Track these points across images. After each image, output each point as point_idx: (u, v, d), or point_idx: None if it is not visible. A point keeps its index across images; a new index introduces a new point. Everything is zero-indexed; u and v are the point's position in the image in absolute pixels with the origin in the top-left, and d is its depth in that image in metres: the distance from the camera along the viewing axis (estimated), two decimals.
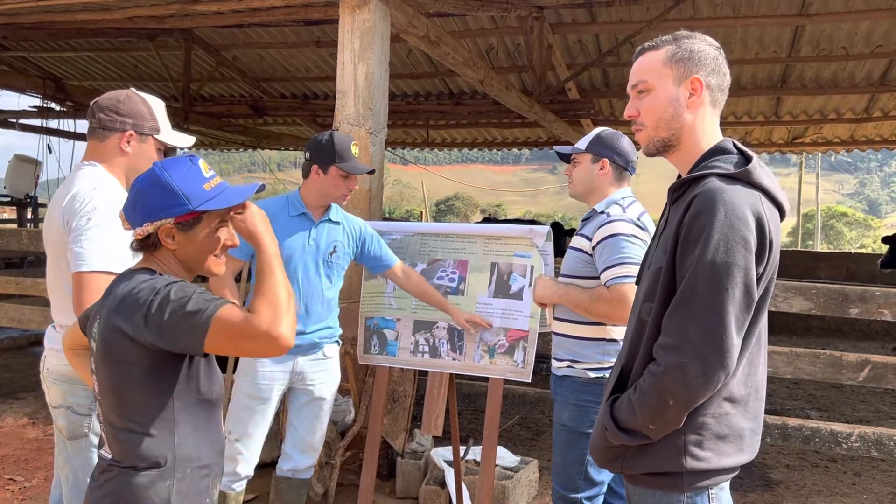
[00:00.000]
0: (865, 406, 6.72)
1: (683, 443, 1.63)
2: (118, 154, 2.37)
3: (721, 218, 1.55)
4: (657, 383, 1.59)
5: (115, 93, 2.42)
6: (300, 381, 3.08)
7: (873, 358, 3.84)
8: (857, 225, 43.81)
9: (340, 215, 3.18)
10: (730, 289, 1.54)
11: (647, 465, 1.68)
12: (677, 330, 1.58)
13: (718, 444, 1.64)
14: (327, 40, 8.49)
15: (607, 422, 1.71)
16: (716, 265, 1.54)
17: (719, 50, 1.78)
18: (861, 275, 11.43)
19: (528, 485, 4.08)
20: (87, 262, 2.14)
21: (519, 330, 3.02)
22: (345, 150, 2.98)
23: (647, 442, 1.66)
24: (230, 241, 1.78)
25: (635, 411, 1.64)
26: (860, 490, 4.49)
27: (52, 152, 11.33)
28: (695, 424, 1.63)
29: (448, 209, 54.48)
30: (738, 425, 1.66)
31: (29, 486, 4.15)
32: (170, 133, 2.47)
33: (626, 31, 7.41)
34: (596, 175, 2.76)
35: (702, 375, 1.55)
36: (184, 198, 1.66)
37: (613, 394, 1.76)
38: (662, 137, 1.76)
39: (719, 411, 1.64)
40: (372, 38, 4.17)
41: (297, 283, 2.99)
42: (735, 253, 1.54)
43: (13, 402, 5.75)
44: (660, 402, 1.59)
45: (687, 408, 1.60)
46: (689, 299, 1.57)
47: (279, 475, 3.17)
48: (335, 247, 3.10)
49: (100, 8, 5.27)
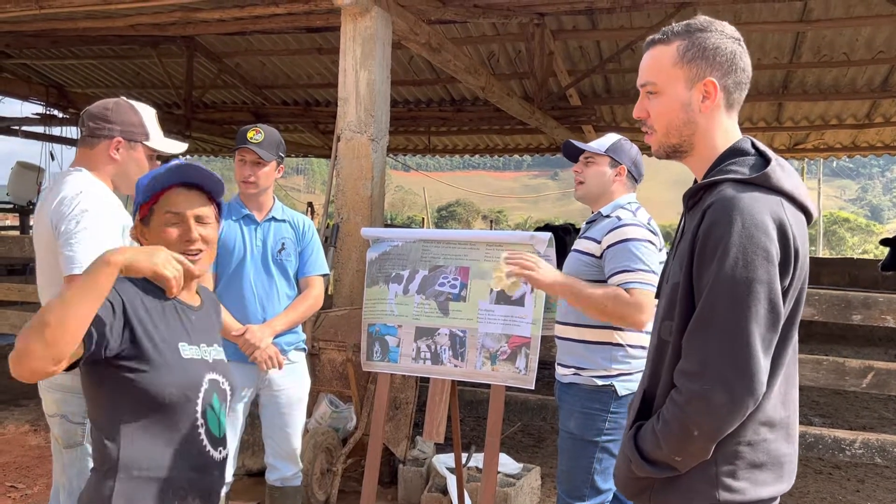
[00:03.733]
0: (869, 413, 6.70)
1: (716, 474, 1.48)
2: (107, 161, 2.39)
3: (738, 228, 1.41)
4: (680, 413, 1.46)
5: (104, 101, 2.45)
6: (267, 388, 3.06)
7: (877, 364, 3.83)
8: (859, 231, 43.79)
9: (288, 213, 3.17)
10: (752, 306, 1.40)
11: (677, 499, 1.53)
12: (697, 354, 1.44)
13: (755, 473, 1.49)
14: (329, 47, 8.52)
15: (631, 453, 1.56)
16: (735, 281, 1.40)
17: (738, 42, 1.59)
18: (863, 281, 11.40)
19: (530, 492, 4.06)
20: (78, 265, 2.14)
21: (521, 336, 3.01)
22: (242, 135, 3.02)
23: (674, 474, 1.52)
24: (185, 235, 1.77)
25: (659, 443, 1.49)
26: (864, 497, 4.47)
27: (55, 159, 11.35)
28: (728, 453, 1.48)
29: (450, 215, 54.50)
30: (777, 451, 1.51)
31: (30, 493, 4.14)
32: (160, 140, 2.48)
33: (628, 37, 7.42)
34: (611, 180, 2.77)
35: (728, 403, 1.40)
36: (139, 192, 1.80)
37: (637, 420, 1.61)
38: (673, 143, 1.62)
39: (756, 438, 1.49)
40: (373, 46, 4.18)
41: (249, 286, 2.99)
42: (756, 266, 1.40)
43: (15, 409, 5.74)
44: (684, 432, 1.45)
45: (713, 439, 1.46)
46: (708, 320, 1.43)
47: (270, 484, 3.16)
48: (283, 244, 3.08)
49: (102, 15, 5.29)
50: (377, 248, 3.25)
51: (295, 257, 3.13)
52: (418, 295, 3.18)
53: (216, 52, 9.37)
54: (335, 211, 4.34)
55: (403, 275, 3.20)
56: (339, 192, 4.29)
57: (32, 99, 10.00)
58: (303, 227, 3.17)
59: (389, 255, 3.25)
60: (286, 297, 3.10)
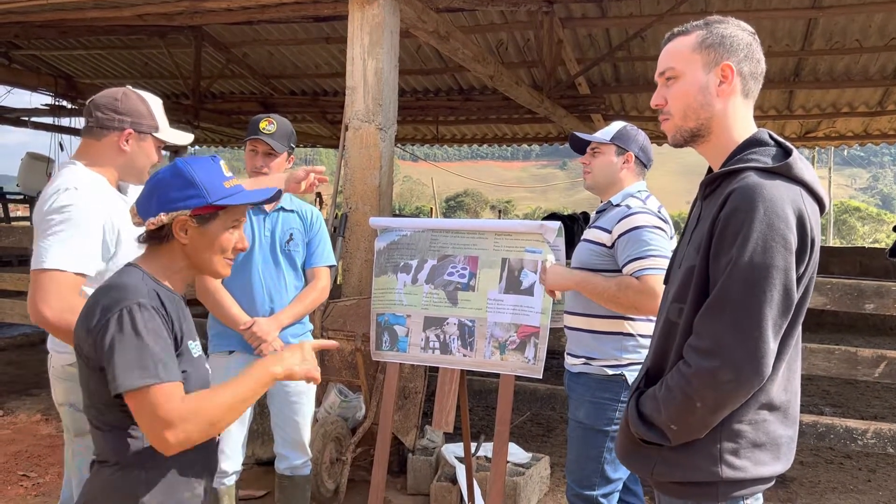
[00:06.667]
0: (880, 402, 6.67)
1: (719, 451, 1.55)
2: (116, 153, 2.33)
3: (760, 216, 1.46)
4: (686, 384, 1.52)
5: (111, 91, 2.38)
6: None
7: (889, 354, 3.80)
8: (870, 220, 43.50)
9: (296, 203, 3.16)
10: (767, 291, 1.45)
11: (680, 474, 1.59)
12: (710, 333, 1.49)
13: (755, 453, 1.56)
14: (336, 37, 8.49)
15: (631, 412, 1.64)
16: (753, 266, 1.45)
17: (753, 36, 1.67)
18: (874, 270, 11.32)
19: (539, 481, 4.06)
20: (45, 261, 2.11)
21: (530, 326, 3.00)
22: (254, 125, 3.02)
23: (664, 443, 1.59)
24: (241, 244, 1.78)
25: (660, 407, 1.57)
26: (875, 487, 4.45)
27: (64, 150, 11.41)
28: (731, 432, 1.55)
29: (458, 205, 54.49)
30: (775, 433, 1.58)
31: (42, 482, 4.17)
32: (168, 131, 2.45)
33: (637, 25, 7.36)
34: (619, 168, 2.75)
35: (734, 381, 1.47)
36: (204, 190, 1.68)
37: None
38: (690, 127, 1.65)
39: (756, 418, 1.56)
40: (381, 34, 4.15)
41: (258, 276, 2.98)
42: (774, 253, 1.45)
43: (26, 399, 5.78)
44: (686, 403, 1.52)
45: (713, 413, 1.52)
46: (723, 302, 1.48)
47: (280, 473, 3.17)
48: (291, 234, 3.08)
49: (111, 5, 5.28)
50: (385, 237, 3.24)
51: (303, 248, 3.13)
52: (427, 284, 3.17)
53: (224, 41, 9.36)
54: (343, 201, 4.33)
55: (412, 264, 3.20)
56: (348, 182, 4.28)
57: (41, 90, 10.00)
58: (311, 218, 3.16)
59: (398, 244, 3.25)
60: (294, 287, 3.09)
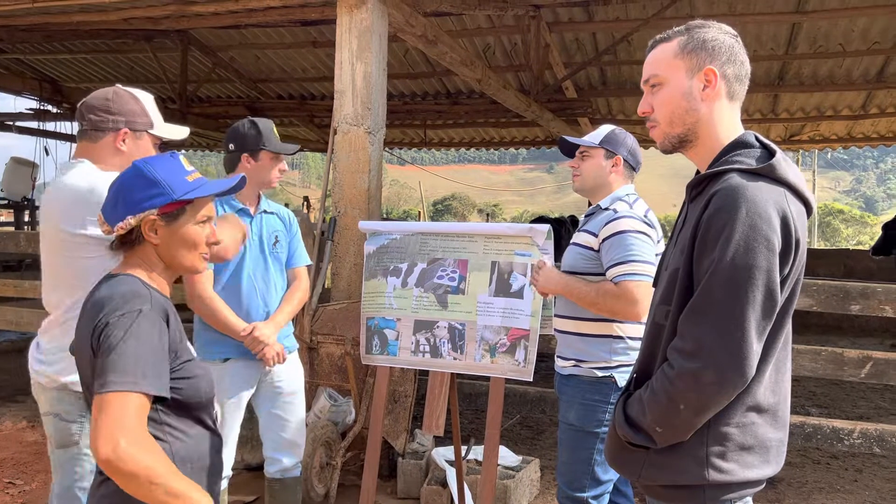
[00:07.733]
0: (866, 403, 6.72)
1: (706, 454, 1.54)
2: (113, 153, 2.31)
3: (742, 216, 1.45)
4: (669, 386, 1.51)
5: (102, 91, 2.35)
6: (266, 381, 3.06)
7: (875, 354, 3.84)
8: (854, 222, 43.87)
9: (273, 206, 3.17)
10: (750, 293, 1.45)
11: (667, 477, 1.58)
12: (693, 335, 1.49)
13: (743, 456, 1.55)
14: (324, 41, 8.48)
15: (618, 414, 1.64)
16: (736, 267, 1.44)
17: (736, 38, 1.67)
18: (858, 271, 11.43)
19: (529, 484, 4.07)
20: None
21: (520, 329, 3.01)
22: (270, 132, 3.00)
23: (651, 446, 1.58)
24: (213, 238, 1.78)
25: (645, 410, 1.56)
26: (862, 487, 4.49)
27: (49, 154, 11.31)
28: (718, 435, 1.54)
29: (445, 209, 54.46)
30: (764, 436, 1.56)
31: (28, 489, 4.13)
32: (163, 126, 2.43)
33: (623, 29, 7.41)
34: (608, 171, 2.77)
35: (717, 383, 1.46)
36: (168, 187, 1.67)
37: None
38: (678, 133, 1.65)
39: (744, 420, 1.54)
40: (370, 38, 4.16)
41: (251, 281, 2.98)
42: (756, 254, 1.44)
43: (12, 406, 5.72)
44: (670, 405, 1.51)
45: (697, 415, 1.51)
46: (706, 303, 1.48)
47: (270, 477, 3.15)
48: (276, 237, 3.09)
49: (96, 9, 5.25)
50: (375, 241, 3.24)
51: (286, 249, 3.15)
52: (417, 288, 3.17)
53: (211, 45, 9.33)
54: (332, 205, 4.33)
55: (402, 268, 3.20)
56: (336, 186, 4.28)
57: (26, 94, 9.94)
58: (289, 219, 3.20)
59: (387, 248, 3.25)
60: (282, 289, 3.12)
